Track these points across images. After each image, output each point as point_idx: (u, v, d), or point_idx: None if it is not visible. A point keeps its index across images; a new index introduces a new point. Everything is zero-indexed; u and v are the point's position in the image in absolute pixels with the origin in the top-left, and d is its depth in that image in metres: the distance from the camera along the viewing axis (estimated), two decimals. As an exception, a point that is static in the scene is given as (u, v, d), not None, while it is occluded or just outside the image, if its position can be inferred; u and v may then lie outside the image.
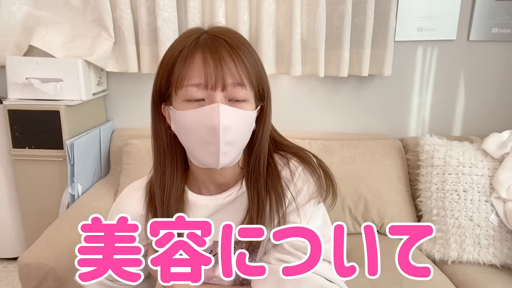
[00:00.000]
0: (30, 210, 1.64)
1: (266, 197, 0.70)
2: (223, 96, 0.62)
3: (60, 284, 1.10)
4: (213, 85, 0.61)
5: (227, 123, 0.61)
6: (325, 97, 1.80)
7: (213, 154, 0.63)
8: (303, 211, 0.70)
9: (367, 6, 1.56)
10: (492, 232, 1.34)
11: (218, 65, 0.60)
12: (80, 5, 1.63)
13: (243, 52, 0.63)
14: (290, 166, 0.72)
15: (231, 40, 0.63)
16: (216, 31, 0.65)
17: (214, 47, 0.61)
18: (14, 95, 1.54)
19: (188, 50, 0.62)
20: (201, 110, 0.62)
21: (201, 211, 0.73)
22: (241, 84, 0.62)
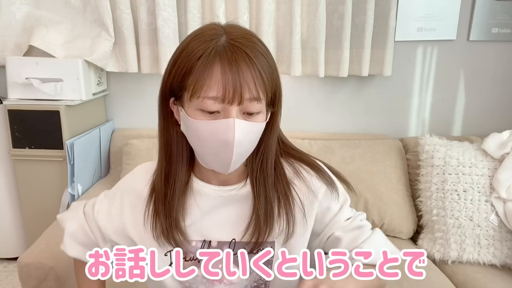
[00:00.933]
0: (30, 210, 1.64)
1: (274, 197, 0.71)
2: (238, 110, 0.61)
3: (60, 284, 1.10)
4: (230, 99, 0.59)
5: (241, 138, 0.61)
6: (325, 97, 1.80)
7: (224, 164, 0.64)
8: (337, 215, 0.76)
9: (367, 6, 1.56)
10: (492, 232, 1.34)
11: (237, 80, 0.59)
12: (80, 5, 1.63)
13: (262, 63, 0.61)
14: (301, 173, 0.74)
15: (251, 50, 0.61)
16: (235, 36, 0.62)
17: (233, 60, 0.59)
18: (14, 95, 1.54)
19: (207, 60, 0.60)
20: (216, 124, 0.61)
21: (205, 200, 0.73)
22: (258, 99, 0.61)
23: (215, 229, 0.73)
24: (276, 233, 0.71)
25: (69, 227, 0.82)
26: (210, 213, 0.73)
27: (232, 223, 0.73)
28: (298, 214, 0.73)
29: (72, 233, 0.81)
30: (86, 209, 0.83)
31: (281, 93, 0.69)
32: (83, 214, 0.83)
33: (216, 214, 0.73)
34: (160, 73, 1.63)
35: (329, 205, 0.74)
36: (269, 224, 0.70)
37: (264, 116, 0.66)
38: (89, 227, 0.80)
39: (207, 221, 0.73)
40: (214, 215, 0.73)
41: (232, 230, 0.72)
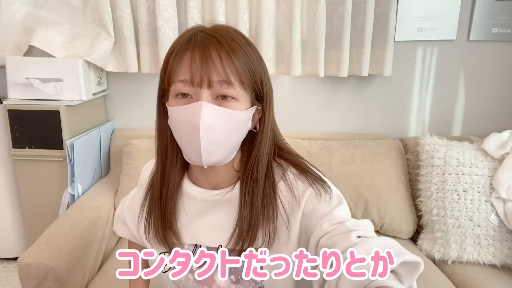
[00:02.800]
0: (30, 210, 1.64)
1: (260, 205, 0.68)
2: (210, 94, 0.62)
3: (60, 284, 1.10)
4: (198, 81, 0.61)
5: (209, 122, 0.61)
6: (325, 97, 1.80)
7: (197, 152, 0.64)
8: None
9: (367, 6, 1.56)
10: (492, 232, 1.34)
11: (204, 62, 0.61)
12: (80, 5, 1.63)
13: (235, 50, 0.63)
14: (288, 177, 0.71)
15: (224, 38, 0.63)
16: (213, 29, 0.65)
17: (203, 45, 0.62)
18: (14, 95, 1.54)
19: (180, 48, 0.64)
20: (186, 107, 0.63)
21: (191, 203, 0.74)
22: (228, 82, 0.62)
23: (204, 234, 0.73)
24: (260, 241, 0.69)
25: (117, 211, 0.91)
26: (197, 217, 0.74)
27: (219, 229, 0.72)
28: (281, 222, 0.70)
29: (119, 215, 0.90)
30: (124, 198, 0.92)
31: (269, 88, 0.69)
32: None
33: (203, 219, 0.73)
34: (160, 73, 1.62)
35: (315, 207, 0.68)
36: (253, 232, 0.68)
37: (244, 105, 0.65)
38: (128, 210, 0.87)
39: (195, 225, 0.74)
40: (202, 219, 0.73)
41: (219, 236, 0.72)
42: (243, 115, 0.65)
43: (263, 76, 0.68)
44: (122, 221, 0.89)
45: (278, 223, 0.69)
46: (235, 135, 0.67)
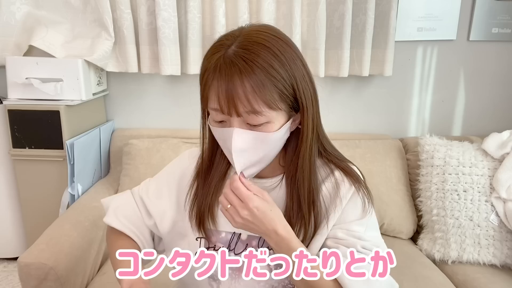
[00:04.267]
0: (30, 210, 1.64)
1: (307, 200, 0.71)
2: (241, 120, 0.64)
3: (60, 284, 1.10)
4: (227, 111, 0.63)
5: (241, 147, 0.65)
6: (325, 97, 1.79)
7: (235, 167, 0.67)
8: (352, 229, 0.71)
9: (367, 6, 1.56)
10: (492, 232, 1.34)
11: (229, 96, 0.61)
12: (80, 5, 1.63)
13: (258, 76, 0.61)
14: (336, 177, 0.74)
15: (247, 63, 0.61)
16: (241, 47, 0.62)
17: (228, 76, 0.61)
18: (14, 95, 1.53)
19: (210, 74, 0.63)
20: (221, 131, 0.66)
21: None
22: (254, 112, 0.62)
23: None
24: (302, 235, 0.71)
25: (116, 202, 0.84)
26: None
27: None
28: (322, 217, 0.72)
29: (118, 206, 0.83)
30: (133, 189, 0.87)
31: (309, 97, 0.70)
32: (130, 192, 0.86)
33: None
34: (160, 73, 1.63)
35: (349, 209, 0.72)
36: (300, 225, 0.71)
37: (278, 125, 0.66)
38: (135, 202, 0.83)
39: None
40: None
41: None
42: (277, 135, 0.66)
43: (296, 86, 0.66)
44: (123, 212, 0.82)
45: (319, 217, 0.72)
46: (271, 152, 0.69)
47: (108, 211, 0.83)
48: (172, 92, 1.79)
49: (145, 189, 0.83)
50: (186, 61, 1.65)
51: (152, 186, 0.83)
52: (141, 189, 0.84)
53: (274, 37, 0.65)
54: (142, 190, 0.84)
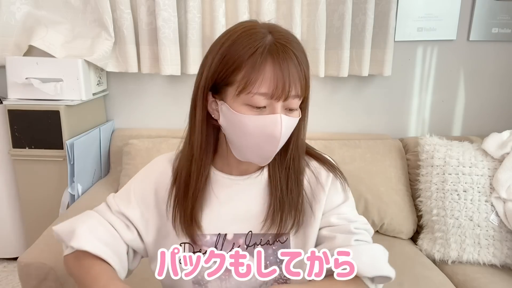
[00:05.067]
0: (30, 210, 1.64)
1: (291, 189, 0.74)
2: (282, 105, 0.65)
3: (60, 284, 1.10)
4: (278, 96, 0.63)
5: (285, 133, 0.66)
6: (325, 97, 1.80)
7: (265, 158, 0.69)
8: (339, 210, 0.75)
9: (367, 6, 1.56)
10: (492, 232, 1.34)
11: (286, 78, 0.62)
12: (80, 5, 1.63)
13: (305, 63, 0.65)
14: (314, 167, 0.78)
15: (297, 51, 0.64)
16: (280, 36, 0.65)
17: (284, 58, 0.62)
18: (14, 95, 1.53)
19: (260, 57, 0.62)
20: (263, 118, 0.64)
21: (222, 190, 0.76)
22: (299, 96, 0.66)
23: (232, 221, 0.74)
24: (290, 225, 0.73)
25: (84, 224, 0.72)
26: (227, 203, 0.75)
27: (248, 214, 0.75)
28: (306, 205, 0.75)
29: (90, 228, 0.72)
30: (96, 209, 0.79)
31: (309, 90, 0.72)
32: (95, 212, 0.78)
33: (233, 205, 0.75)
34: (160, 73, 1.63)
35: (332, 195, 0.76)
36: (286, 215, 0.72)
37: (299, 112, 0.69)
38: (107, 221, 0.75)
39: (224, 213, 0.75)
40: (231, 206, 0.75)
41: (249, 222, 0.74)
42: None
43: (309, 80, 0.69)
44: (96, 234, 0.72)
45: (304, 206, 0.75)
46: None
47: (76, 233, 0.70)
48: (172, 92, 1.79)
49: (120, 201, 0.76)
50: (186, 61, 1.65)
51: (128, 196, 0.77)
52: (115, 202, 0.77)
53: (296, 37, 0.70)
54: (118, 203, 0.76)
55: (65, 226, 0.74)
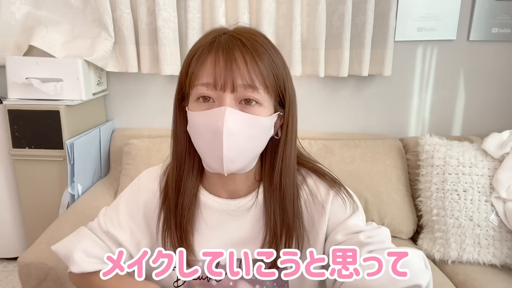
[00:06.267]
0: (30, 210, 1.63)
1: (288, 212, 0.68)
2: (233, 98, 0.60)
3: (60, 284, 1.10)
4: (222, 85, 0.59)
5: (232, 128, 0.59)
6: (325, 97, 1.80)
7: (218, 159, 0.62)
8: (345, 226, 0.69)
9: (367, 6, 1.56)
10: (492, 232, 1.34)
11: (228, 65, 0.59)
12: (80, 5, 1.63)
13: (260, 53, 0.61)
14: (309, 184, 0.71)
15: (248, 40, 0.61)
16: (237, 31, 0.63)
17: (227, 48, 0.60)
18: (14, 95, 1.53)
19: (203, 50, 0.61)
20: (209, 112, 0.61)
21: (211, 215, 0.72)
22: (252, 87, 0.60)
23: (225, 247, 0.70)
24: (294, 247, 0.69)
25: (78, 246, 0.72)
26: (217, 229, 0.71)
27: (241, 240, 0.71)
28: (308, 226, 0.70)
29: (85, 249, 0.71)
30: (89, 226, 0.77)
31: (292, 93, 0.67)
32: (88, 230, 0.76)
33: (223, 231, 0.71)
34: (160, 73, 1.63)
35: (336, 212, 0.70)
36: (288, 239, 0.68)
37: (268, 111, 0.64)
38: (100, 239, 0.74)
39: (215, 239, 0.71)
40: (222, 232, 0.71)
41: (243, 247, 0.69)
42: (266, 121, 0.64)
43: (286, 80, 0.66)
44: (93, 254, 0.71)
45: (306, 226, 0.69)
46: (258, 141, 0.65)
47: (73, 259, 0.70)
48: (172, 92, 1.75)
49: (109, 222, 0.74)
50: (186, 61, 1.65)
51: (117, 216, 0.74)
52: (104, 222, 0.74)
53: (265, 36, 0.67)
54: (107, 224, 0.74)
55: (62, 248, 0.74)
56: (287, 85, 0.66)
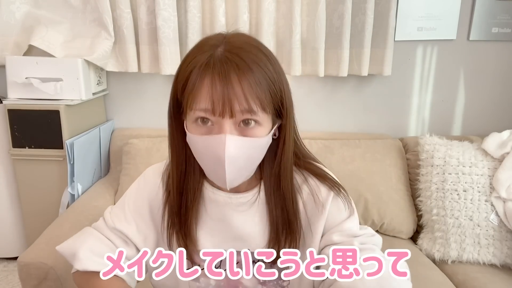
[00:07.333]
0: (30, 210, 1.63)
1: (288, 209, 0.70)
2: (232, 123, 0.61)
3: (60, 284, 1.10)
4: (220, 111, 0.59)
5: (234, 154, 0.61)
6: (325, 96, 1.79)
7: (222, 180, 0.64)
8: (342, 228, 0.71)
9: (367, 5, 1.56)
10: (492, 232, 1.34)
11: (225, 91, 0.58)
12: (80, 5, 1.63)
13: (255, 74, 0.60)
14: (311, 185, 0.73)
15: (243, 61, 0.60)
16: (232, 47, 0.61)
17: (223, 72, 0.59)
18: (14, 95, 1.53)
19: (199, 72, 0.60)
20: (209, 139, 0.61)
21: (215, 208, 0.73)
22: (250, 111, 0.60)
23: (228, 240, 0.72)
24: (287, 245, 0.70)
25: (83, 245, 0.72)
26: (221, 222, 0.73)
27: (244, 235, 0.72)
28: (305, 224, 0.72)
29: (90, 248, 0.71)
30: (95, 225, 0.78)
31: (290, 104, 0.68)
32: (93, 229, 0.77)
33: (227, 224, 0.72)
34: (160, 72, 1.63)
35: (334, 213, 0.72)
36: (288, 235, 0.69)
37: (266, 129, 0.64)
38: (106, 237, 0.74)
39: (219, 232, 0.73)
40: (226, 225, 0.72)
41: (246, 242, 0.72)
42: (265, 140, 0.65)
43: (283, 91, 0.65)
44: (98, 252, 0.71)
45: (302, 226, 0.71)
46: (257, 159, 0.67)
47: (78, 256, 0.70)
48: None
49: (116, 218, 0.75)
50: (186, 60, 1.65)
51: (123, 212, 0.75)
52: (111, 219, 0.75)
53: (257, 41, 0.66)
54: (114, 220, 0.75)
55: (67, 247, 0.74)
56: (284, 97, 0.65)
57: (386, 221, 1.51)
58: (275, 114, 0.65)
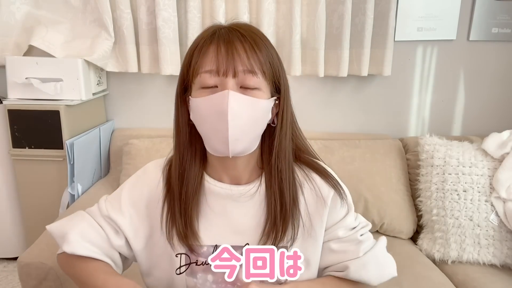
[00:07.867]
0: (30, 210, 1.64)
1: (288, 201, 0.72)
2: (235, 83, 0.65)
3: (60, 284, 1.10)
4: (224, 71, 0.64)
5: (236, 109, 0.64)
6: (325, 97, 1.79)
7: (224, 140, 0.65)
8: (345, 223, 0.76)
9: (366, 6, 1.56)
10: (492, 232, 1.34)
11: (229, 53, 0.64)
12: (80, 5, 1.63)
13: (257, 43, 0.66)
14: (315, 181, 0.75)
15: (246, 32, 0.67)
16: (234, 25, 0.69)
17: (228, 38, 0.65)
18: (14, 95, 1.53)
19: (204, 42, 0.67)
20: (213, 97, 0.65)
21: (216, 200, 0.74)
22: (252, 72, 0.65)
23: (228, 234, 0.73)
24: (288, 237, 0.72)
25: (74, 227, 0.73)
26: (222, 215, 0.74)
27: (245, 228, 0.73)
28: (305, 218, 0.74)
29: (81, 232, 0.73)
30: (89, 210, 0.79)
31: (286, 83, 0.72)
32: (85, 213, 0.78)
33: (228, 217, 0.73)
34: (160, 73, 1.63)
35: (334, 210, 0.75)
36: (283, 228, 0.71)
37: (266, 95, 0.68)
38: (97, 223, 0.75)
39: (219, 225, 0.73)
40: (226, 218, 0.73)
41: (246, 235, 0.73)
42: (265, 104, 0.68)
43: (281, 71, 0.71)
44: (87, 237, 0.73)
45: (303, 219, 0.74)
46: (259, 123, 0.69)
47: (68, 238, 0.71)
48: (172, 92, 1.73)
49: (110, 207, 0.76)
50: (186, 61, 1.65)
51: (118, 202, 0.76)
52: (105, 207, 0.76)
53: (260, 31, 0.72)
54: (108, 208, 0.76)
55: (57, 227, 0.76)
56: (281, 75, 0.71)
57: (386, 221, 1.51)
58: (273, 88, 0.70)
